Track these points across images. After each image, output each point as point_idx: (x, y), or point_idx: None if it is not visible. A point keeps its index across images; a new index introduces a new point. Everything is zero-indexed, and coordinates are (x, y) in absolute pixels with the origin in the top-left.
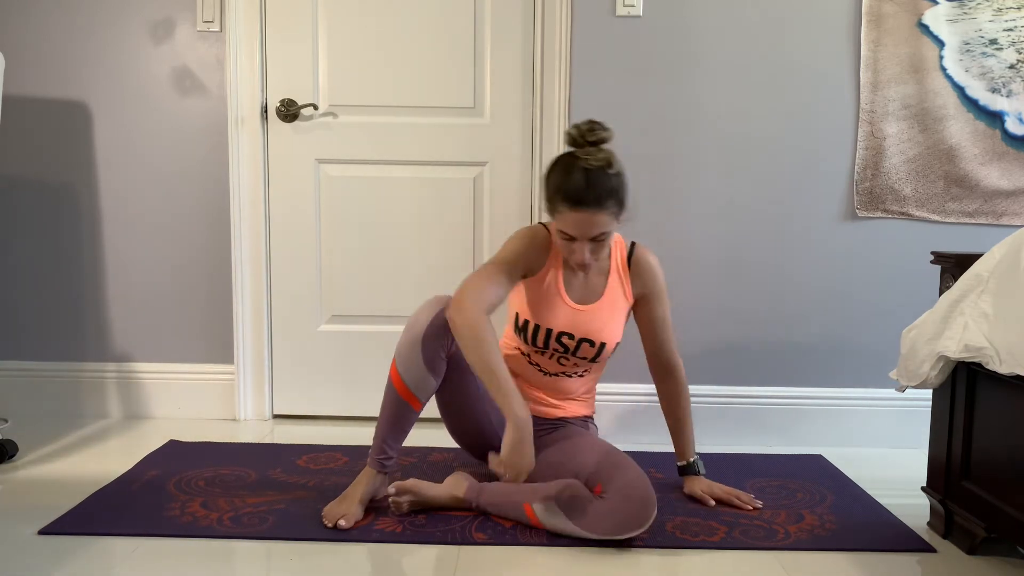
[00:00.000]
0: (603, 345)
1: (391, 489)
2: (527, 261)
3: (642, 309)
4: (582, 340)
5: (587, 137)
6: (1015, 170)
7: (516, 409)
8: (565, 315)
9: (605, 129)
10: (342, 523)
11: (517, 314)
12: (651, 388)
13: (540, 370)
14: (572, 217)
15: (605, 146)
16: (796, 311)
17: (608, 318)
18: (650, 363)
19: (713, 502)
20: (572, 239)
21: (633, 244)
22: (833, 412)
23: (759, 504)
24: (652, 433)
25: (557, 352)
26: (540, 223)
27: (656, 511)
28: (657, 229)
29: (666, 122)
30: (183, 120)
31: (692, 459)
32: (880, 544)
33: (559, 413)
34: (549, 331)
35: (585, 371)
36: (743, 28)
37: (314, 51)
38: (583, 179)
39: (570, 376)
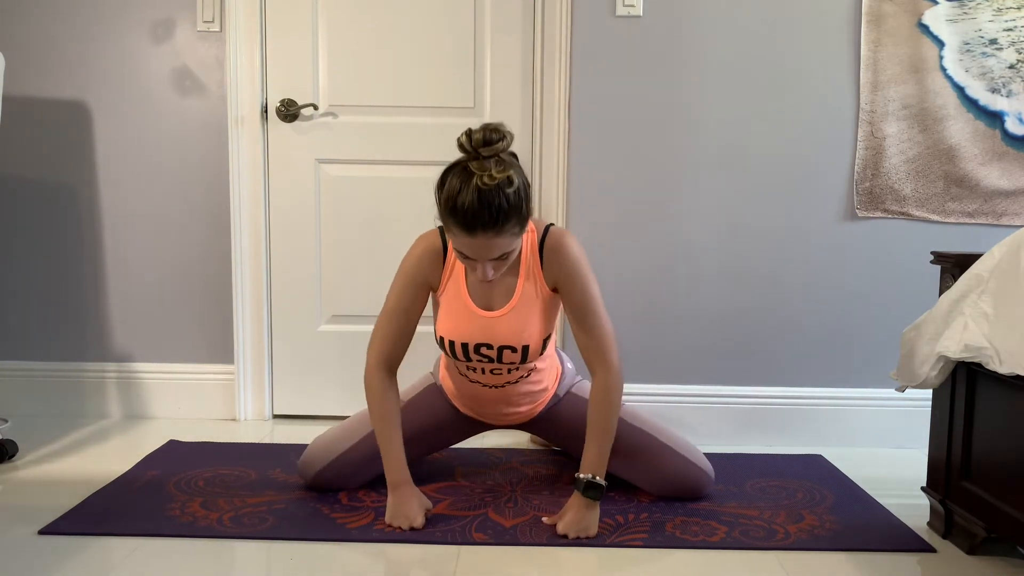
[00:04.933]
0: (526, 348)
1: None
2: (416, 290)
3: (562, 299)
4: (502, 347)
5: (480, 149)
6: (1015, 170)
7: (390, 475)
8: (476, 325)
9: (502, 136)
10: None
11: (437, 331)
12: (650, 388)
13: (484, 385)
14: (466, 242)
15: (504, 153)
16: (796, 311)
17: (525, 320)
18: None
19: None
20: (471, 258)
21: (547, 229)
22: (833, 412)
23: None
24: None
25: (482, 363)
26: (437, 228)
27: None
28: (656, 229)
29: (666, 122)
30: (183, 120)
31: (581, 476)
32: (880, 544)
33: (538, 407)
34: (465, 345)
35: (529, 371)
36: (743, 28)
37: (314, 51)
38: (476, 201)
39: (516, 383)
